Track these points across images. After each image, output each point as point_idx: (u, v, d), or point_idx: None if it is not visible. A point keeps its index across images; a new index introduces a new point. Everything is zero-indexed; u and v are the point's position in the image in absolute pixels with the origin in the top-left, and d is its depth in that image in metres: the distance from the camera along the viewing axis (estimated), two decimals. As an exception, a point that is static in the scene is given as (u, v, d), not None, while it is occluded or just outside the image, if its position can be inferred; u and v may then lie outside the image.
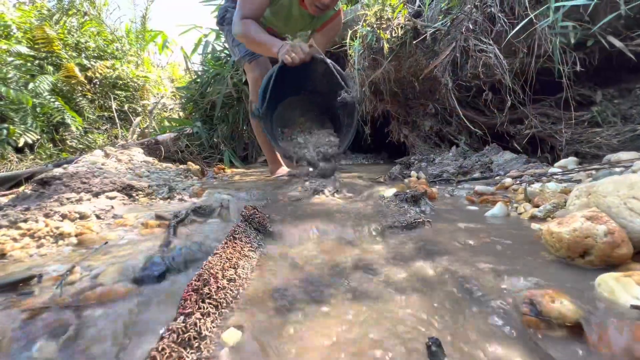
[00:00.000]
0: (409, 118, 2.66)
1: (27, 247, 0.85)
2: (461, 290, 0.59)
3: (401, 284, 0.63)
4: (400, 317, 0.52)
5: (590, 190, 0.71)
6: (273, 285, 0.64)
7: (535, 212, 0.96)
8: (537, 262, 0.66)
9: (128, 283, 0.67)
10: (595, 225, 0.59)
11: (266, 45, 1.63)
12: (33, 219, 0.97)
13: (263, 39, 1.64)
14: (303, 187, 1.39)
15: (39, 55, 4.14)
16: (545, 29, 1.47)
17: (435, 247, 0.79)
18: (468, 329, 0.49)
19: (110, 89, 4.71)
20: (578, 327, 0.48)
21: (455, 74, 2.01)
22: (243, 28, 1.66)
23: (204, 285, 0.51)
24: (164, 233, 0.98)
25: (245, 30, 1.66)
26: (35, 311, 0.57)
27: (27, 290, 0.64)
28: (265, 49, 1.68)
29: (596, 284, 0.53)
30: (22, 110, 3.53)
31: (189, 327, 0.41)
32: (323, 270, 0.71)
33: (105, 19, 5.35)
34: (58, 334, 0.51)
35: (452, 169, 1.75)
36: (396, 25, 2.26)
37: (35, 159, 3.51)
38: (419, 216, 0.97)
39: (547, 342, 0.46)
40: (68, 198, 1.14)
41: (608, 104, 1.58)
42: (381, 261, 0.73)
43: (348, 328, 0.50)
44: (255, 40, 1.66)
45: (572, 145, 1.62)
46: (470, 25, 1.76)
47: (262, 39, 1.64)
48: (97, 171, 1.51)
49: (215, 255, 0.64)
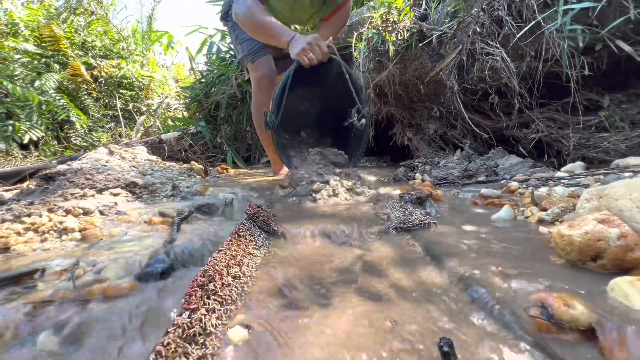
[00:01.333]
0: (413, 121, 2.65)
1: (31, 241, 0.85)
2: (469, 292, 0.58)
3: (408, 285, 0.62)
4: (407, 318, 0.51)
5: (601, 194, 0.70)
6: (278, 283, 0.63)
7: (542, 215, 0.95)
8: (546, 266, 0.65)
9: (132, 279, 0.67)
10: (607, 228, 0.58)
11: (273, 32, 1.45)
12: (37, 214, 0.97)
13: (270, 25, 1.45)
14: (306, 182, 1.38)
15: (45, 53, 4.18)
16: (553, 32, 1.46)
17: (442, 249, 0.77)
18: (477, 331, 0.48)
19: (115, 88, 4.74)
20: (591, 331, 0.47)
21: (461, 77, 2.00)
22: (246, 9, 1.47)
23: (209, 282, 0.51)
24: (168, 230, 0.98)
25: (249, 11, 1.47)
26: (38, 304, 0.56)
27: (31, 283, 0.64)
28: (271, 37, 1.49)
29: (609, 288, 0.52)
30: (28, 107, 3.55)
31: (194, 323, 0.40)
32: (328, 269, 0.70)
33: (112, 18, 5.40)
34: (61, 327, 0.50)
35: (456, 172, 1.74)
36: (402, 28, 2.26)
37: (40, 156, 3.53)
38: (424, 218, 0.96)
39: (559, 346, 0.45)
40: (72, 194, 1.13)
41: (616, 108, 1.56)
42: (387, 262, 0.72)
43: (354, 327, 0.49)
44: (260, 25, 1.47)
45: (579, 150, 1.61)
46: (477, 28, 1.76)
47: (270, 24, 1.45)
48: (101, 168, 1.51)
49: (219, 252, 0.63)
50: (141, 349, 0.45)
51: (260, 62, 1.80)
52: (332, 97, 1.74)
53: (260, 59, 1.80)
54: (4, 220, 0.93)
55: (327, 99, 1.80)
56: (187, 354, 0.36)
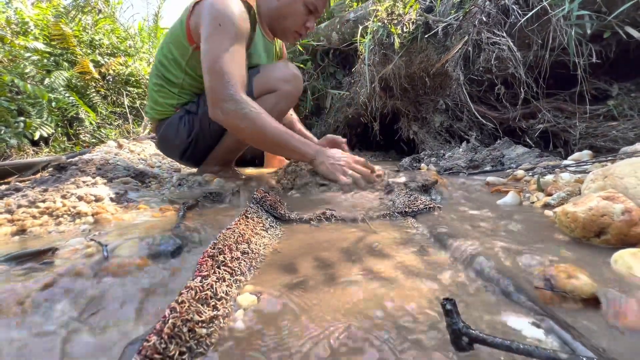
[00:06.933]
0: (419, 114, 2.64)
1: (46, 224, 0.87)
2: (474, 266, 0.59)
3: (412, 263, 0.63)
4: (413, 291, 0.52)
5: (606, 173, 0.70)
6: (285, 262, 0.65)
7: (548, 200, 0.95)
8: (551, 243, 0.65)
9: (144, 257, 0.69)
10: (611, 204, 0.58)
11: (294, 147, 1.17)
12: (51, 200, 1.00)
13: (289, 138, 1.16)
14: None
15: (54, 51, 4.24)
16: (560, 19, 1.45)
17: (447, 230, 0.78)
18: (482, 300, 0.49)
19: (122, 85, 4.80)
20: (594, 300, 0.47)
21: (467, 68, 1.99)
22: (247, 114, 1.12)
23: (219, 254, 0.52)
24: (176, 216, 1.00)
25: (253, 117, 1.12)
26: (55, 279, 0.59)
27: (48, 260, 0.66)
28: (289, 152, 1.20)
29: (612, 260, 0.52)
30: (39, 104, 3.62)
31: (205, 287, 0.42)
32: (334, 250, 0.71)
33: (118, 17, 5.46)
34: (78, 297, 0.52)
35: (462, 163, 1.74)
36: (407, 20, 2.26)
37: (50, 152, 3.60)
38: (429, 202, 0.97)
39: (562, 314, 0.46)
40: (84, 181, 1.16)
41: (625, 97, 1.55)
42: (392, 243, 0.74)
43: (359, 298, 0.50)
44: (272, 138, 1.15)
45: (586, 139, 1.60)
46: (484, 18, 1.75)
47: (289, 138, 1.16)
48: (112, 159, 1.54)
49: (228, 230, 0.65)
50: (156, 312, 0.47)
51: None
52: None
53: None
54: (20, 205, 0.96)
55: None
56: (200, 313, 0.38)
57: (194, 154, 1.52)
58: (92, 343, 0.42)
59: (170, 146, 1.53)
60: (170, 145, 1.53)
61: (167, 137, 1.50)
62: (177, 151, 1.52)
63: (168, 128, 1.47)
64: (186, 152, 1.51)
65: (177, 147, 1.50)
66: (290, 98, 1.36)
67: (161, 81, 1.43)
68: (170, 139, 1.49)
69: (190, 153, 1.52)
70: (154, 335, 0.34)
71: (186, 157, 1.55)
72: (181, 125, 1.44)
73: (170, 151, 1.58)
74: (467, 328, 0.36)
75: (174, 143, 1.49)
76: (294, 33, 1.39)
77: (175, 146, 1.50)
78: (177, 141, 1.47)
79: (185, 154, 1.52)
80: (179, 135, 1.45)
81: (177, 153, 1.54)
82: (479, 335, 0.35)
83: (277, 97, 1.33)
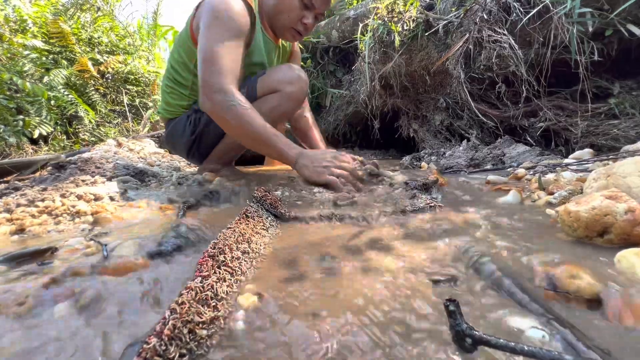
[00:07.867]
0: (419, 112, 2.64)
1: (45, 223, 0.87)
2: (476, 267, 0.58)
3: (412, 259, 0.63)
4: (415, 290, 0.52)
5: (609, 172, 0.70)
6: (286, 261, 0.64)
7: (550, 199, 0.94)
8: (553, 242, 0.65)
9: (144, 256, 0.69)
10: (615, 203, 0.58)
11: (276, 148, 1.15)
12: (50, 199, 0.99)
13: (273, 138, 1.14)
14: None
15: (53, 49, 4.23)
16: (562, 17, 1.44)
17: (448, 228, 0.78)
18: (484, 299, 0.49)
19: (122, 83, 4.79)
20: (597, 300, 0.47)
21: (467, 66, 1.98)
22: (234, 107, 1.11)
23: (219, 254, 0.52)
24: (175, 215, 1.00)
25: (240, 112, 1.11)
26: (55, 278, 0.58)
27: (47, 260, 0.66)
28: (271, 151, 1.18)
29: (616, 260, 0.52)
30: (37, 102, 3.61)
31: (206, 287, 0.42)
32: (335, 247, 0.71)
33: (117, 14, 5.44)
34: (78, 298, 0.52)
35: (463, 161, 1.73)
36: (408, 18, 2.25)
37: (49, 151, 3.59)
38: (430, 201, 0.97)
39: (565, 314, 0.45)
40: (83, 180, 1.16)
41: (626, 95, 1.54)
42: (392, 240, 0.73)
43: (361, 292, 0.50)
44: (256, 135, 1.13)
45: (587, 137, 1.59)
46: (485, 16, 1.74)
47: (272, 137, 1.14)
48: (111, 157, 1.54)
49: (228, 229, 0.65)
50: (156, 314, 0.46)
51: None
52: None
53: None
54: (19, 204, 0.96)
55: None
56: (200, 314, 0.37)
57: (199, 151, 1.55)
58: (92, 344, 0.41)
59: (177, 143, 1.58)
60: (176, 143, 1.58)
61: (174, 135, 1.55)
62: (183, 148, 1.56)
63: (175, 126, 1.53)
64: (191, 149, 1.55)
65: (184, 145, 1.54)
66: (294, 100, 1.36)
67: (172, 84, 1.48)
68: (176, 136, 1.54)
69: (196, 150, 1.55)
70: (154, 337, 0.34)
71: (192, 155, 1.59)
72: (187, 123, 1.48)
73: (177, 148, 1.62)
74: (470, 329, 0.35)
75: (180, 140, 1.54)
76: (291, 30, 1.38)
77: (181, 143, 1.54)
78: (183, 139, 1.51)
79: (190, 151, 1.56)
80: (184, 133, 1.50)
81: (183, 150, 1.58)
82: (482, 337, 0.35)
83: (280, 98, 1.33)
